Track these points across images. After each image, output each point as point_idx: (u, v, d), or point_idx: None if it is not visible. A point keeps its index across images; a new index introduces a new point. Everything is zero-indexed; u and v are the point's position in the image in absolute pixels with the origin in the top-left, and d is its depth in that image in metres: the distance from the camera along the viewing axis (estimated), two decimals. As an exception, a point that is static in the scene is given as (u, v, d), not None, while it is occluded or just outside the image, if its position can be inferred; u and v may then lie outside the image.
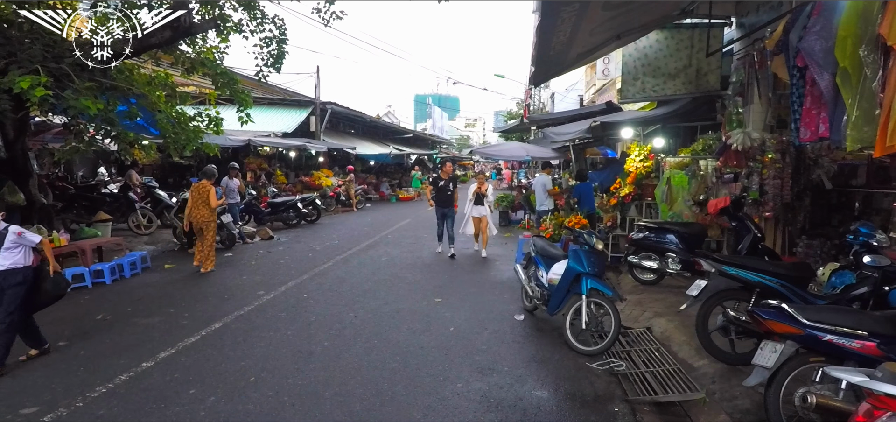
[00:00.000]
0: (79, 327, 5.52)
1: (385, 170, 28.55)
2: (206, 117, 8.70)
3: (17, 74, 5.76)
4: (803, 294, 4.18)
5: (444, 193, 9.56)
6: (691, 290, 4.58)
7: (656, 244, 6.81)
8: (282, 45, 9.05)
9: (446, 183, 9.59)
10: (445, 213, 9.63)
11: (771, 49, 4.87)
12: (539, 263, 5.75)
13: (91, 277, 7.21)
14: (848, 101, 3.39)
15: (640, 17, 5.84)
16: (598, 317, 4.97)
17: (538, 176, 11.77)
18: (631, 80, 8.48)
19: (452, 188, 9.63)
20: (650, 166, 8.63)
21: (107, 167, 15.03)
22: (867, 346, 2.88)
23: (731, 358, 4.26)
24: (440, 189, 9.56)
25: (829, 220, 6.25)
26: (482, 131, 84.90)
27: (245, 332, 5.34)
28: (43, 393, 3.92)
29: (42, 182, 9.25)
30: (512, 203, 14.78)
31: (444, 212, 9.63)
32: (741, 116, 6.32)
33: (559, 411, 3.76)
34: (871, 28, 3.14)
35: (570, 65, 8.07)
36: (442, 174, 9.81)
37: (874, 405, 2.23)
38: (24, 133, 8.22)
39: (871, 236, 4.09)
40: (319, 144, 19.39)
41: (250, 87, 11.23)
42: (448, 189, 9.59)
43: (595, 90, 22.89)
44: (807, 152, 5.66)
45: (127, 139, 8.33)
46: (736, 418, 3.49)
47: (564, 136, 12.22)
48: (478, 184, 9.70)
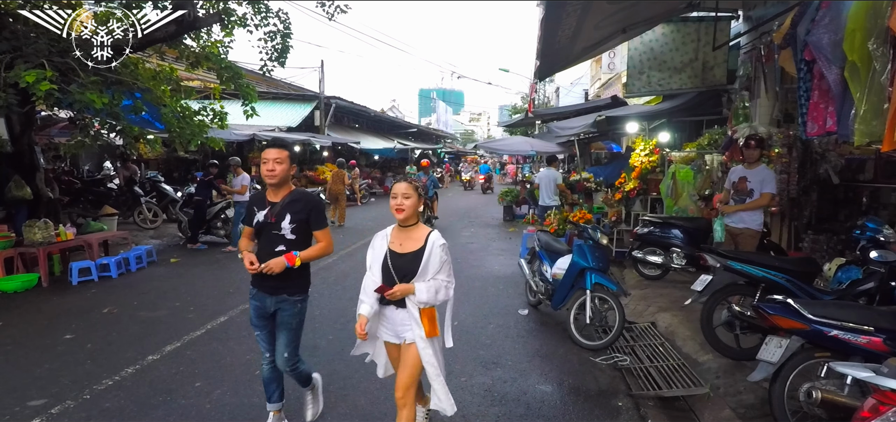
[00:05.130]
0: (85, 320, 5.56)
1: (390, 164, 28.53)
2: (211, 112, 8.72)
3: (22, 69, 5.78)
4: (809, 289, 4.15)
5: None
6: (696, 285, 4.56)
7: (661, 239, 6.79)
8: (286, 39, 9.05)
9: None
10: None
11: (778, 43, 4.83)
12: (543, 257, 5.74)
13: (97, 270, 7.26)
14: (856, 95, 3.35)
15: (646, 10, 5.79)
16: (603, 312, 4.96)
17: (543, 170, 11.69)
18: (636, 74, 8.42)
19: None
20: (655, 161, 8.59)
21: (112, 162, 15.13)
22: (873, 341, 2.87)
23: (736, 353, 4.24)
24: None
25: (836, 215, 6.21)
26: (487, 126, 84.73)
27: (250, 326, 5.36)
28: (50, 385, 3.96)
29: (48, 176, 9.31)
30: (516, 198, 14.75)
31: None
32: (748, 111, 6.28)
33: (563, 405, 3.77)
34: (881, 21, 3.10)
35: (575, 59, 8.05)
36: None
37: (880, 401, 2.22)
38: (31, 127, 8.27)
39: (878, 231, 4.07)
40: (324, 139, 19.40)
41: (255, 81, 11.24)
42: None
43: (600, 84, 22.80)
44: (814, 147, 5.62)
45: (132, 133, 8.36)
46: (740, 413, 3.48)
47: (569, 130, 12.16)
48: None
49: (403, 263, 2.72)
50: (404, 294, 2.67)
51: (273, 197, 3.04)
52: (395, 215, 2.76)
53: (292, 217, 2.99)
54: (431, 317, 2.74)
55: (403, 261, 2.72)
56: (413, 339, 2.72)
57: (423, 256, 2.69)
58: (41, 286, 6.85)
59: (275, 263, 2.92)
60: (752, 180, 5.17)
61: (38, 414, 3.54)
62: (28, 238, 7.01)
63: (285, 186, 3.07)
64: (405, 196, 2.74)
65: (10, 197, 7.78)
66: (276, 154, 2.99)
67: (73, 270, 7.04)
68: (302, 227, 3.02)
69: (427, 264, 2.69)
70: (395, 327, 2.81)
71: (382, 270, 2.76)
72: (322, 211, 3.16)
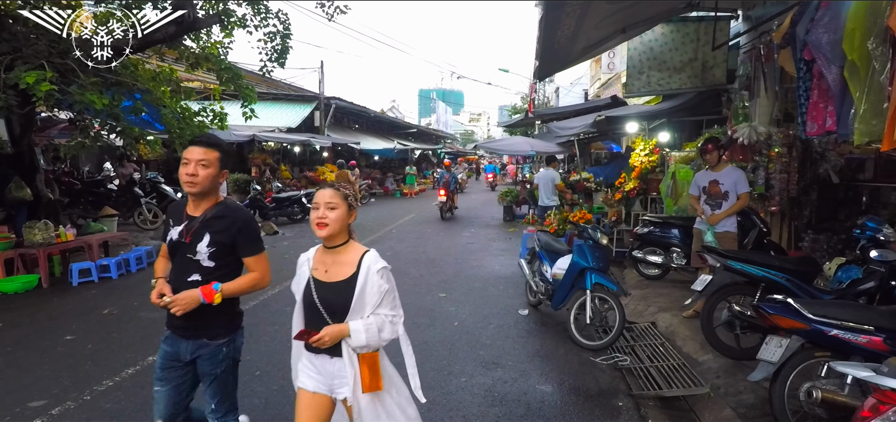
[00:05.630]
0: (85, 321, 5.56)
1: (389, 165, 28.54)
2: (211, 112, 8.73)
3: (22, 70, 5.79)
4: (809, 289, 4.15)
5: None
6: (696, 285, 4.57)
7: (661, 239, 6.79)
8: (286, 39, 9.06)
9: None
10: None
11: (778, 42, 4.83)
12: (543, 257, 5.74)
13: (97, 271, 7.26)
14: (856, 94, 3.35)
15: (646, 10, 5.79)
16: (603, 312, 4.96)
17: (542, 171, 11.70)
18: (636, 74, 8.42)
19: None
20: (655, 161, 8.59)
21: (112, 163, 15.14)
22: (873, 341, 2.87)
23: (736, 353, 4.24)
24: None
25: (836, 214, 6.21)
26: (487, 126, 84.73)
27: (250, 326, 5.32)
28: (51, 386, 3.96)
29: (48, 177, 9.32)
30: (516, 198, 14.75)
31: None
32: (747, 110, 6.27)
33: (563, 405, 3.77)
34: (880, 20, 3.10)
35: (574, 59, 8.04)
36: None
37: (880, 400, 2.22)
38: (31, 129, 8.28)
39: (878, 231, 4.07)
40: (324, 139, 19.41)
41: (255, 82, 11.26)
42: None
43: (600, 84, 22.81)
44: (813, 146, 5.63)
45: (132, 134, 8.36)
46: (741, 412, 3.48)
47: (569, 130, 12.16)
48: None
49: (331, 296, 2.08)
50: (336, 338, 2.03)
51: (193, 210, 2.35)
52: (316, 232, 2.08)
53: (211, 238, 2.28)
54: (373, 365, 2.09)
55: (331, 292, 2.09)
56: (351, 398, 2.06)
57: (357, 284, 2.06)
58: (41, 287, 6.85)
59: (183, 298, 2.22)
60: (725, 183, 5.15)
61: (38, 415, 3.54)
62: (28, 239, 7.02)
63: (210, 197, 2.37)
64: (329, 206, 2.08)
65: (11, 198, 7.79)
66: (200, 154, 2.28)
67: (74, 271, 7.04)
68: (224, 251, 2.31)
69: (363, 296, 2.06)
70: (328, 378, 2.14)
71: (305, 306, 2.13)
72: (254, 232, 2.43)
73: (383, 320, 2.10)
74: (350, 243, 2.18)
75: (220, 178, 2.36)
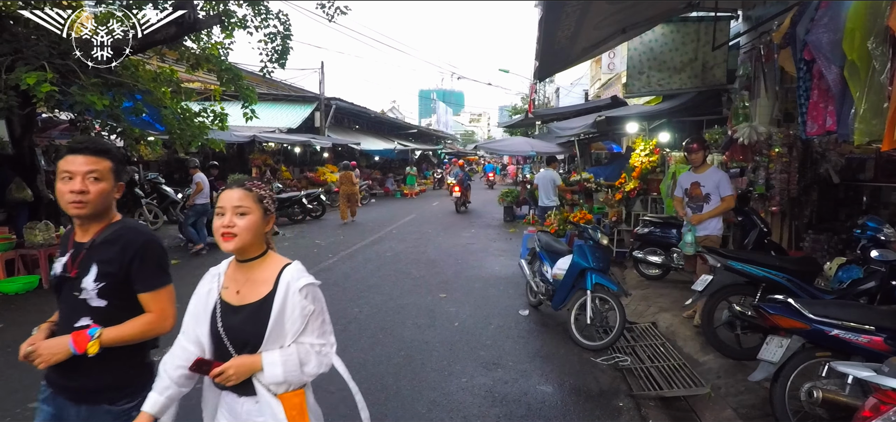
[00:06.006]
0: (86, 321, 5.55)
1: (390, 165, 28.56)
2: (212, 113, 8.74)
3: (23, 71, 5.79)
4: (810, 289, 4.15)
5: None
6: (696, 285, 4.56)
7: (661, 239, 6.79)
8: (286, 40, 9.07)
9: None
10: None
11: (778, 42, 4.83)
12: (544, 258, 5.74)
13: (98, 272, 7.25)
14: (856, 94, 3.35)
15: (646, 10, 5.79)
16: (603, 312, 4.96)
17: (543, 171, 11.72)
18: (636, 74, 8.42)
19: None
20: (655, 161, 8.60)
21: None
22: (874, 341, 2.87)
23: (737, 353, 4.24)
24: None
25: (837, 214, 6.21)
26: (487, 126, 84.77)
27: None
28: (52, 387, 3.96)
29: (49, 178, 9.31)
30: (516, 198, 14.76)
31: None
32: (747, 110, 6.26)
33: (564, 405, 3.77)
34: (880, 20, 3.10)
35: (575, 59, 8.03)
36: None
37: (881, 400, 2.22)
38: (31, 129, 8.28)
39: (878, 231, 4.06)
40: (324, 140, 19.43)
41: (255, 82, 11.25)
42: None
43: (600, 85, 22.81)
44: (814, 146, 5.62)
45: (133, 135, 8.38)
46: (741, 413, 3.49)
47: (569, 130, 12.17)
48: None
49: (239, 322, 1.65)
50: (245, 374, 1.61)
51: (81, 235, 1.82)
52: (222, 245, 1.62)
53: (99, 270, 1.73)
54: (299, 407, 1.67)
55: (239, 318, 1.65)
56: None
57: (273, 306, 1.63)
58: (42, 288, 6.85)
59: (46, 347, 1.73)
60: (706, 185, 5.12)
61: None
62: (29, 240, 7.02)
63: (102, 219, 1.82)
64: (239, 211, 1.63)
65: (11, 199, 7.80)
66: (88, 165, 1.72)
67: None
68: (115, 287, 1.75)
69: (281, 320, 1.64)
70: (239, 420, 1.69)
71: (210, 333, 1.67)
72: (153, 259, 1.81)
73: (308, 350, 1.68)
74: (268, 255, 1.74)
75: (115, 193, 1.82)
